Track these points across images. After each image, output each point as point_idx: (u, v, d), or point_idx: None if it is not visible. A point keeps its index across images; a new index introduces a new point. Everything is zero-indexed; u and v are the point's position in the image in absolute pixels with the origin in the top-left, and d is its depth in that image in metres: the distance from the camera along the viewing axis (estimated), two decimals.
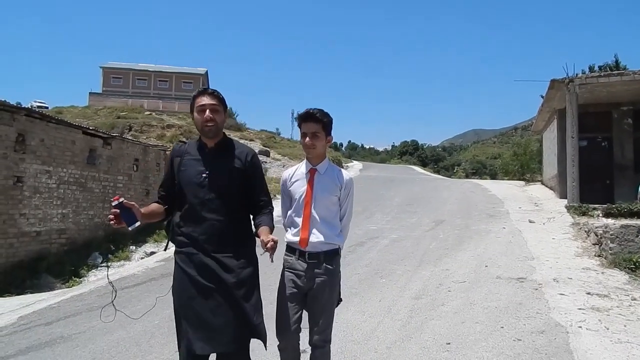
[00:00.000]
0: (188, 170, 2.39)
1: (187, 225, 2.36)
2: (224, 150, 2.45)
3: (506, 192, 15.34)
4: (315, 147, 2.55)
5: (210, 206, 2.33)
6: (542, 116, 16.08)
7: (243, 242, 2.41)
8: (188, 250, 2.33)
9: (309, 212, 2.54)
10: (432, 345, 3.80)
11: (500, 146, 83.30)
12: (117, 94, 43.49)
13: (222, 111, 2.42)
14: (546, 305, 4.64)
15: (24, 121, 8.04)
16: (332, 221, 2.58)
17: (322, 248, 2.53)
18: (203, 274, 2.28)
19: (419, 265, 6.60)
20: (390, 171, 28.63)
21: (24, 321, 5.04)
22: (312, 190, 2.56)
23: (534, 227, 9.14)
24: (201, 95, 2.39)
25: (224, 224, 2.33)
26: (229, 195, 2.37)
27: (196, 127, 2.40)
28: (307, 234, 2.53)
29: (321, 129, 2.54)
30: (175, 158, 2.47)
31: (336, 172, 2.66)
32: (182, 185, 2.39)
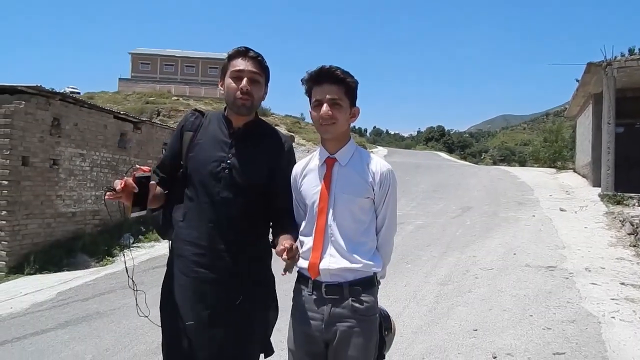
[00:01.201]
0: (202, 153, 1.78)
1: (191, 230, 1.77)
2: (256, 134, 1.84)
3: (536, 179, 14.94)
4: (335, 121, 1.69)
5: (224, 210, 1.73)
6: (576, 101, 15.50)
7: (257, 261, 1.83)
8: (188, 264, 1.76)
9: (323, 223, 1.71)
10: (458, 331, 3.79)
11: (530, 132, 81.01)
12: (146, 80, 44.29)
13: (264, 83, 1.83)
14: (577, 295, 4.54)
15: (59, 106, 8.29)
16: (361, 236, 1.73)
17: (346, 277, 1.68)
18: (204, 299, 1.72)
19: (445, 251, 6.54)
20: (415, 157, 28.28)
21: (62, 297, 5.29)
22: (329, 191, 1.72)
23: (565, 216, 8.89)
24: (240, 57, 1.77)
25: (239, 235, 1.75)
26: (254, 197, 1.78)
27: (225, 98, 1.79)
28: (318, 256, 1.69)
29: (343, 94, 1.70)
30: (187, 132, 1.84)
31: (366, 161, 1.77)
32: (191, 172, 1.78)
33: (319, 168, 1.78)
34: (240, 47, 1.78)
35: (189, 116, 1.90)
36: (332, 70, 1.70)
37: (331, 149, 1.77)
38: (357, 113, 1.79)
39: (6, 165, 7.27)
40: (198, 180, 1.76)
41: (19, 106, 7.44)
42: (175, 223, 1.83)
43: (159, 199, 1.81)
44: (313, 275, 1.70)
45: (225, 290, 1.73)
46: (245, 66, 1.76)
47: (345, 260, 1.68)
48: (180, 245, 1.80)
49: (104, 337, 3.95)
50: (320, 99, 1.69)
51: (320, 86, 1.70)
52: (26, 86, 7.66)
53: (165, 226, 1.88)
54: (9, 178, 7.25)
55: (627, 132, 12.46)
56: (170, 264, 1.85)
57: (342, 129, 1.74)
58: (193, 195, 1.78)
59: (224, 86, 1.81)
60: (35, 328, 4.30)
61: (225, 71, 1.80)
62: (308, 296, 1.71)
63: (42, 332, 4.19)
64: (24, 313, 4.84)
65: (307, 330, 1.69)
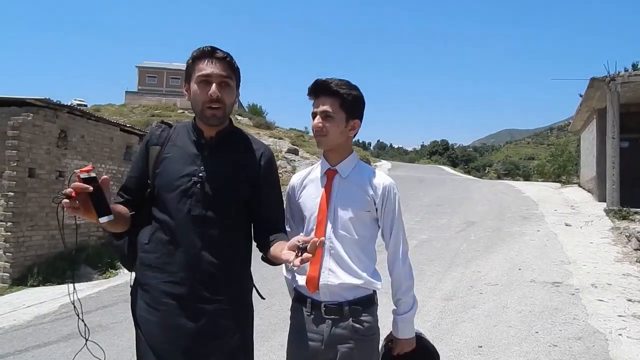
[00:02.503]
0: (170, 168, 1.56)
1: (159, 253, 1.53)
2: (230, 143, 1.62)
3: (541, 194, 14.87)
4: (326, 133, 1.67)
5: (197, 229, 1.50)
6: (580, 116, 15.50)
7: (239, 286, 1.61)
8: (156, 295, 1.51)
9: (322, 235, 1.63)
10: (463, 348, 3.74)
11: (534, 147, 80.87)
12: (152, 93, 44.76)
13: (235, 87, 1.59)
14: (584, 311, 4.49)
15: (66, 118, 8.40)
16: (360, 252, 1.68)
17: (345, 295, 1.63)
18: (177, 337, 1.48)
19: (449, 266, 6.50)
20: (419, 171, 28.27)
21: (65, 309, 5.28)
22: (329, 202, 1.68)
23: (570, 231, 8.83)
24: (206, 59, 1.53)
25: (217, 258, 1.52)
26: (232, 213, 1.57)
27: (192, 105, 1.57)
28: (317, 269, 1.63)
29: (338, 106, 1.66)
30: (153, 147, 1.62)
31: (368, 175, 1.74)
32: (159, 190, 1.56)
33: (320, 179, 1.74)
34: (205, 46, 1.55)
35: (155, 129, 1.67)
36: (326, 82, 1.67)
37: (332, 161, 1.74)
38: (356, 126, 1.74)
39: (13, 176, 7.34)
40: (167, 198, 1.54)
41: (27, 118, 7.54)
42: (140, 247, 1.57)
43: (122, 220, 1.52)
44: (311, 289, 1.64)
45: (202, 326, 1.49)
46: (213, 69, 1.52)
47: (346, 274, 1.63)
48: (145, 273, 1.54)
49: (106, 350, 3.92)
50: (315, 111, 1.69)
51: (317, 98, 1.70)
52: (34, 99, 7.78)
53: (131, 255, 1.62)
54: (15, 189, 7.32)
55: (632, 146, 12.42)
56: (135, 297, 1.58)
57: (335, 141, 1.70)
58: (161, 216, 1.54)
59: (189, 92, 1.58)
60: (38, 341, 4.29)
61: (190, 75, 1.56)
62: (307, 316, 1.66)
63: (44, 344, 4.18)
64: (27, 325, 4.84)
65: (305, 351, 1.63)
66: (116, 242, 1.64)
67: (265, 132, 28.14)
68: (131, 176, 1.66)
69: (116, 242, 1.64)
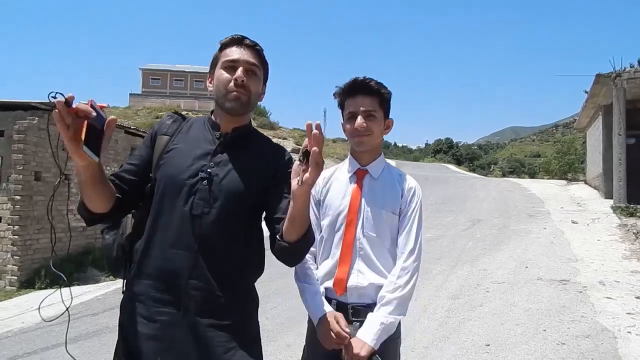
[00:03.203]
0: (177, 160, 1.40)
1: (153, 258, 1.36)
2: (246, 141, 1.48)
3: (546, 191, 14.80)
4: (371, 132, 1.63)
5: (199, 230, 1.33)
6: (586, 112, 15.40)
7: (242, 303, 1.42)
8: (152, 306, 1.34)
9: (352, 235, 1.60)
10: (470, 347, 3.73)
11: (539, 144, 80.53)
12: (156, 95, 44.95)
13: (261, 77, 1.48)
14: (592, 309, 4.46)
15: None
16: (388, 253, 1.64)
17: (373, 296, 1.59)
18: (173, 350, 1.32)
19: (455, 264, 6.47)
20: (423, 170, 28.20)
21: (72, 311, 5.28)
22: (360, 202, 1.64)
23: (577, 228, 8.77)
24: (234, 45, 1.44)
25: (216, 266, 1.35)
26: (239, 215, 1.39)
27: (215, 92, 1.44)
28: (346, 271, 1.59)
29: (378, 105, 1.64)
30: (161, 136, 1.47)
31: (396, 176, 1.72)
32: (159, 185, 1.39)
33: (349, 179, 1.71)
34: (235, 34, 1.47)
35: (166, 119, 1.52)
36: (366, 81, 1.64)
37: (363, 161, 1.71)
38: (391, 125, 1.74)
39: (19, 180, 7.39)
40: (168, 193, 1.36)
41: (33, 122, 7.59)
42: (135, 251, 1.40)
43: (107, 196, 1.31)
44: (338, 292, 1.59)
45: (203, 341, 1.32)
46: (241, 55, 1.42)
47: (375, 274, 1.59)
48: (139, 281, 1.37)
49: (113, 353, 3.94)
50: (354, 111, 1.64)
51: (354, 98, 1.65)
52: (40, 102, 7.83)
53: (119, 258, 1.44)
54: (22, 193, 7.37)
55: (638, 143, 12.33)
56: (126, 309, 1.39)
57: (376, 141, 1.69)
58: (159, 214, 1.37)
59: (213, 81, 1.46)
60: (46, 343, 4.31)
61: (216, 63, 1.46)
62: None
63: (52, 347, 4.20)
64: (35, 328, 4.87)
65: (329, 354, 1.53)
66: (105, 242, 1.47)
67: (269, 133, 28.21)
68: (130, 163, 1.46)
69: (105, 242, 1.47)
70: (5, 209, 7.57)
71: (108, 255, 1.46)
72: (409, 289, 1.57)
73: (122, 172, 1.44)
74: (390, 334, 1.54)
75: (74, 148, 1.11)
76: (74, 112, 1.08)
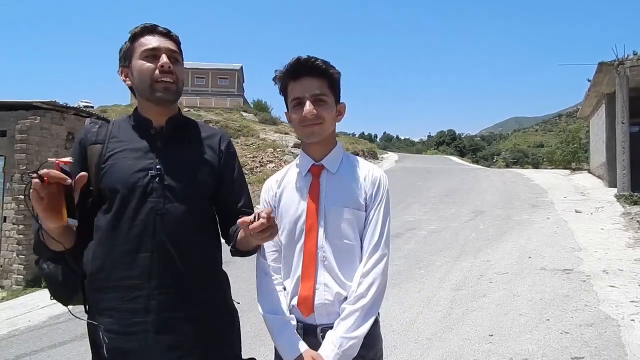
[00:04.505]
0: (120, 165, 1.33)
1: (115, 268, 1.29)
2: (183, 131, 1.44)
3: (550, 181, 14.73)
4: (322, 120, 1.40)
5: (165, 228, 1.30)
6: (589, 101, 15.29)
7: (213, 290, 1.41)
8: (126, 317, 1.28)
9: (313, 244, 1.39)
10: (474, 337, 3.74)
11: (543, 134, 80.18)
12: None
13: (182, 64, 1.43)
14: (595, 298, 4.45)
15: (73, 120, 8.48)
16: (353, 259, 1.42)
17: None
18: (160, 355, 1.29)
19: (458, 256, 6.48)
20: (426, 162, 28.13)
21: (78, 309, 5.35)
22: (318, 204, 1.42)
23: (580, 217, 8.74)
24: (148, 34, 1.37)
25: (188, 259, 1.33)
26: (199, 207, 1.38)
27: (138, 85, 1.37)
28: (310, 287, 1.38)
29: (327, 88, 1.42)
30: (92, 146, 1.37)
31: (357, 167, 1.49)
32: (108, 193, 1.32)
33: (302, 179, 1.46)
34: (146, 23, 1.39)
35: (90, 126, 1.42)
36: (311, 60, 1.39)
37: (317, 155, 1.47)
38: (343, 110, 1.50)
39: (22, 179, 7.42)
40: (119, 200, 1.30)
41: (35, 121, 7.62)
42: (88, 267, 1.32)
43: (73, 233, 1.27)
44: (305, 313, 1.37)
45: (178, 338, 1.29)
46: (160, 42, 1.36)
47: (342, 288, 1.37)
48: (101, 297, 1.30)
49: None
50: (300, 96, 1.40)
51: (299, 81, 1.40)
52: (41, 102, 7.85)
53: (68, 283, 1.32)
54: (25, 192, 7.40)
55: None
56: (95, 329, 1.31)
57: (329, 130, 1.45)
58: (113, 222, 1.30)
59: (129, 74, 1.37)
60: (53, 341, 4.36)
61: (131, 54, 1.36)
62: None
63: (59, 344, 4.25)
64: (42, 326, 4.92)
65: None
66: (47, 270, 1.32)
67: (271, 128, 28.18)
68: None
69: (47, 270, 1.32)
70: (10, 208, 7.62)
71: (54, 283, 1.33)
72: (372, 293, 1.35)
73: None
74: (354, 355, 1.32)
75: (50, 217, 1.11)
76: (46, 183, 1.09)
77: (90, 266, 1.32)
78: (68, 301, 1.39)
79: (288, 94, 1.45)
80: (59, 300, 1.39)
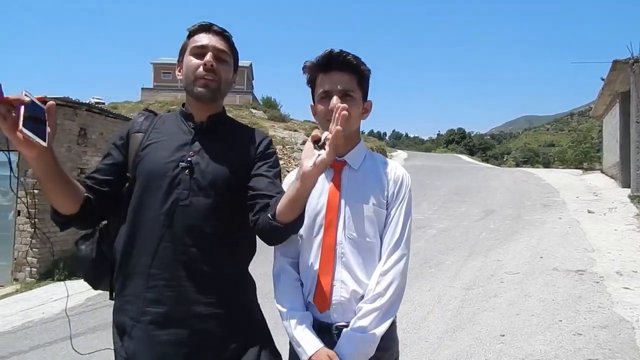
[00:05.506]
0: (155, 154, 1.36)
1: (139, 256, 1.31)
2: (223, 128, 1.46)
3: (561, 181, 14.58)
4: (348, 116, 1.26)
5: (186, 220, 1.30)
6: (602, 100, 15.09)
7: (236, 286, 1.39)
8: (141, 305, 1.29)
9: (332, 239, 1.38)
10: (485, 337, 3.72)
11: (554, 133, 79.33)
12: (167, 89, 45.16)
13: (231, 65, 1.45)
14: (609, 299, 4.40)
15: (85, 116, 8.55)
16: (373, 258, 1.39)
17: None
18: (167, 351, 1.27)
19: (469, 255, 6.44)
20: (436, 160, 28.00)
21: (91, 302, 5.42)
22: (340, 199, 1.40)
23: (593, 218, 8.64)
24: (202, 32, 1.42)
25: (208, 254, 1.31)
26: (227, 202, 1.35)
27: (184, 80, 1.42)
28: (328, 282, 1.36)
29: (356, 84, 1.41)
30: (135, 134, 1.43)
31: (380, 165, 1.47)
32: (141, 180, 1.35)
33: (325, 173, 1.40)
34: (203, 21, 1.44)
35: (138, 117, 1.49)
36: (343, 55, 1.38)
37: (340, 151, 1.42)
38: (369, 108, 1.49)
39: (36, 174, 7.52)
40: (149, 188, 1.33)
41: None
42: (118, 253, 1.36)
43: (75, 194, 1.28)
44: (322, 309, 1.35)
45: (193, 335, 1.28)
46: (210, 41, 1.39)
47: (359, 285, 1.35)
48: (126, 282, 1.32)
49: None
50: (329, 89, 1.38)
51: (329, 75, 1.40)
52: (55, 97, 7.91)
53: (99, 267, 1.39)
54: (39, 187, 7.50)
55: None
56: (117, 316, 1.36)
57: (354, 126, 1.44)
58: (141, 211, 1.33)
59: (181, 69, 1.43)
60: (66, 333, 4.41)
61: (185, 50, 1.43)
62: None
63: (73, 336, 4.30)
64: (55, 318, 4.99)
65: None
66: (82, 252, 1.41)
67: (280, 125, 28.23)
68: (104, 164, 1.42)
69: (82, 252, 1.41)
70: (24, 202, 7.71)
71: (86, 266, 1.40)
72: (391, 293, 1.32)
73: (94, 172, 1.40)
74: (370, 355, 1.30)
75: (15, 136, 1.06)
76: (6, 102, 1.04)
77: (120, 251, 1.35)
78: (97, 285, 1.43)
79: (316, 87, 1.44)
80: (90, 284, 1.44)
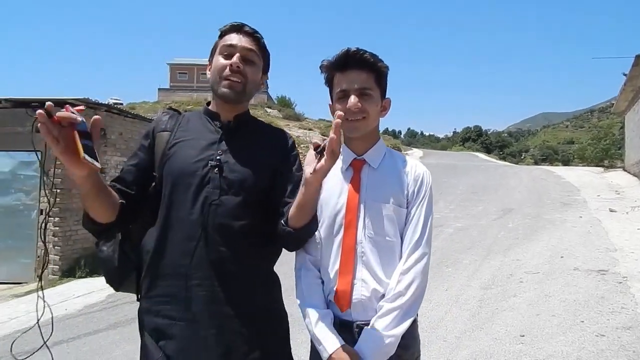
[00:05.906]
0: (183, 153, 1.36)
1: (169, 256, 1.31)
2: (249, 128, 1.46)
3: (582, 179, 14.29)
4: (366, 115, 1.38)
5: (216, 219, 1.30)
6: (624, 96, 14.74)
7: (266, 287, 1.41)
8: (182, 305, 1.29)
9: (352, 239, 1.37)
10: (504, 337, 3.67)
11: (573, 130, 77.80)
12: (184, 89, 45.76)
13: (260, 66, 1.44)
14: (632, 300, 4.30)
15: (105, 116, 8.71)
16: (393, 257, 1.39)
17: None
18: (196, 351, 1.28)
19: (487, 254, 6.36)
20: (452, 158, 27.72)
21: (111, 299, 5.53)
22: (359, 199, 1.40)
23: (615, 217, 8.44)
24: (233, 32, 1.41)
25: (236, 253, 1.31)
26: (255, 201, 1.35)
27: (210, 80, 1.41)
28: (348, 282, 1.36)
29: (374, 82, 1.40)
30: (161, 133, 1.43)
31: (400, 163, 1.46)
32: (169, 179, 1.35)
33: (343, 172, 1.43)
34: (235, 22, 1.43)
35: (162, 115, 1.49)
36: (360, 53, 1.37)
37: (359, 149, 1.44)
38: (388, 105, 1.47)
39: (58, 174, 7.68)
40: (178, 187, 1.32)
41: None
42: (148, 253, 1.35)
43: (113, 204, 1.27)
44: (343, 308, 1.35)
45: (228, 340, 1.28)
46: (239, 41, 1.38)
47: (380, 284, 1.35)
48: (156, 283, 1.32)
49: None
50: (346, 88, 1.37)
51: (346, 73, 1.38)
52: (75, 99, 8.09)
53: (123, 268, 1.38)
54: (61, 186, 7.67)
55: None
56: (146, 315, 1.35)
57: (372, 125, 1.42)
58: (171, 209, 1.32)
59: (211, 68, 1.43)
60: (88, 329, 4.52)
61: (215, 50, 1.43)
62: None
63: (94, 332, 4.40)
64: (77, 314, 5.10)
65: None
66: (104, 253, 1.39)
67: (295, 124, 28.32)
68: (131, 165, 1.41)
69: (104, 253, 1.39)
70: (46, 201, 7.90)
71: (108, 267, 1.39)
72: (412, 292, 1.31)
73: (123, 174, 1.40)
74: (391, 354, 1.30)
75: (71, 160, 1.07)
76: (57, 122, 1.04)
77: (150, 251, 1.34)
78: (119, 287, 1.43)
79: (334, 86, 1.43)
80: (111, 285, 1.43)
